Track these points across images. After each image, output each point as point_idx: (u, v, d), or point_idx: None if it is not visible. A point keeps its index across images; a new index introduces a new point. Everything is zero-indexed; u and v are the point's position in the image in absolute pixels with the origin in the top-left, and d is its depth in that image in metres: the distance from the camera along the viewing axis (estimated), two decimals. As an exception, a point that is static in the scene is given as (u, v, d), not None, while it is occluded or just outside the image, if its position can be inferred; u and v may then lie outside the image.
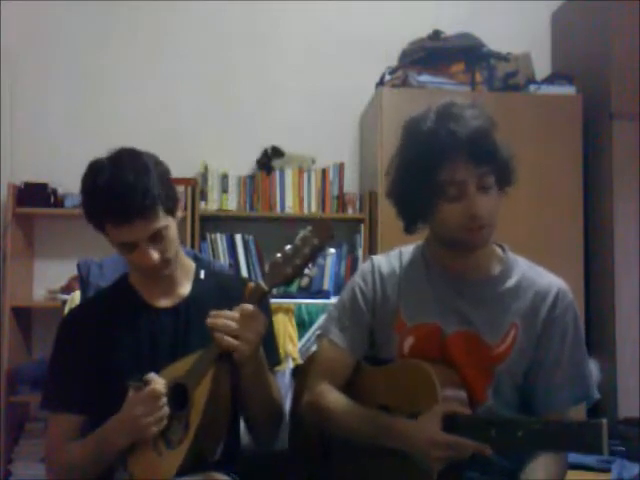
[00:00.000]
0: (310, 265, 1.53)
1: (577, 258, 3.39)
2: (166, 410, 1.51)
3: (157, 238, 1.59)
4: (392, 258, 1.70)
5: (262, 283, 1.54)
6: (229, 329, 1.49)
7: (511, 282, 1.58)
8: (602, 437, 1.20)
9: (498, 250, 1.63)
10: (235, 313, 1.51)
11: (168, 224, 1.61)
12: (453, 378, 1.52)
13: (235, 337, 1.49)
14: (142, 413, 1.49)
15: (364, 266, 1.72)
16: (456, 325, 1.57)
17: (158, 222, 1.58)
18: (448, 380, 1.50)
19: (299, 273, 1.52)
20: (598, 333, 3.35)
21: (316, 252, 1.50)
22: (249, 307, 1.51)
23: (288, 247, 1.52)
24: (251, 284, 1.56)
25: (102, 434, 1.56)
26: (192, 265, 1.78)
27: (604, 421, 1.21)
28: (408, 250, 1.70)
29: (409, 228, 1.61)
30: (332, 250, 1.56)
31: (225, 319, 1.50)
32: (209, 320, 1.51)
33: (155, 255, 1.59)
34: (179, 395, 1.53)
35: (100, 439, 1.57)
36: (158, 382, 1.51)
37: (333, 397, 1.59)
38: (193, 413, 1.51)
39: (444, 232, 1.54)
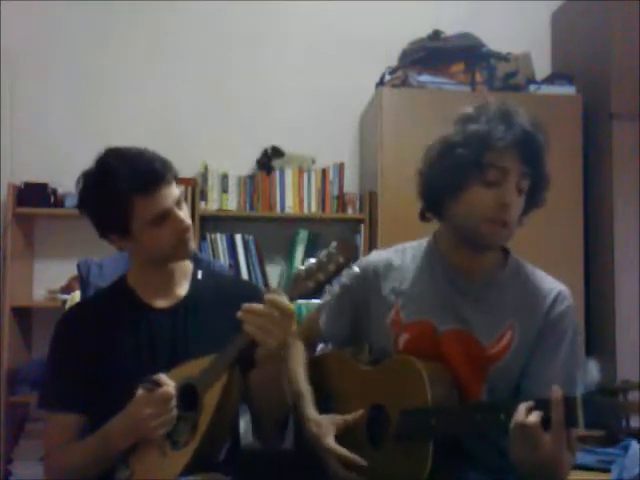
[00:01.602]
0: (332, 282, 1.51)
1: (577, 258, 3.39)
2: (175, 413, 1.50)
3: (180, 205, 1.64)
4: (393, 254, 1.71)
5: (283, 294, 1.49)
6: (260, 323, 1.46)
7: (512, 285, 1.58)
8: (577, 412, 1.23)
9: (501, 252, 1.63)
10: (269, 308, 1.46)
11: (181, 192, 1.66)
12: (445, 375, 1.52)
13: (265, 331, 1.46)
14: (151, 414, 1.48)
15: (361, 259, 1.78)
16: (451, 323, 1.57)
17: (177, 188, 1.63)
18: (440, 377, 1.50)
19: (321, 289, 1.49)
20: (598, 333, 3.35)
21: (340, 270, 1.47)
22: (283, 300, 1.46)
23: (312, 261, 1.49)
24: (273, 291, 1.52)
25: (104, 434, 1.56)
26: (190, 265, 1.78)
27: (578, 396, 1.24)
28: (412, 246, 1.71)
29: (426, 213, 1.63)
30: (356, 269, 1.55)
31: (258, 314, 1.46)
32: (240, 313, 1.47)
33: (187, 218, 1.63)
34: (188, 396, 1.53)
35: (102, 439, 1.56)
36: (169, 384, 1.51)
37: (295, 352, 1.76)
38: (202, 416, 1.51)
39: (465, 220, 1.53)
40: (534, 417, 1.27)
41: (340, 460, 1.53)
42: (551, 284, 1.59)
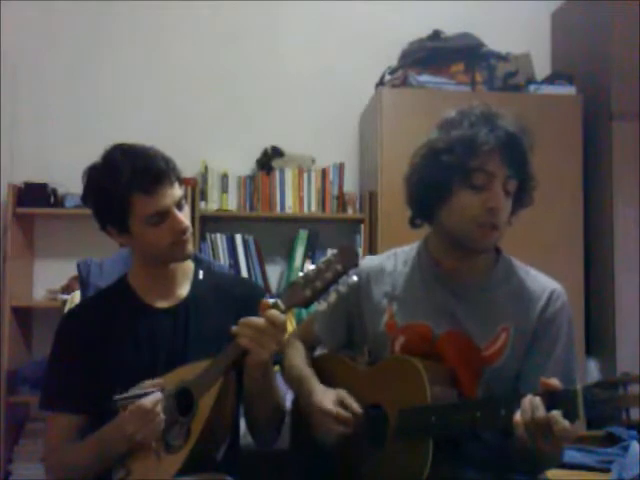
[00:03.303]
0: (330, 290, 1.48)
1: (577, 258, 3.39)
2: (160, 422, 1.50)
3: (180, 207, 1.63)
4: (385, 258, 1.72)
5: (280, 302, 1.49)
6: (256, 337, 1.47)
7: (505, 285, 1.59)
8: (578, 404, 1.23)
9: (493, 252, 1.63)
10: (266, 324, 1.47)
11: (183, 194, 1.65)
12: (444, 374, 1.53)
13: (259, 344, 1.48)
14: (135, 430, 1.49)
15: None
16: (447, 325, 1.57)
17: (179, 189, 1.63)
18: (439, 376, 1.51)
19: (318, 297, 1.48)
20: (598, 333, 3.35)
21: (338, 278, 1.46)
22: (280, 317, 1.48)
23: (311, 268, 1.48)
24: (268, 301, 1.51)
25: (102, 437, 1.57)
26: (191, 265, 1.78)
27: (579, 387, 1.25)
28: (403, 250, 1.71)
29: (415, 220, 1.63)
30: (355, 278, 1.53)
31: (255, 328, 1.48)
32: (236, 327, 1.49)
33: (186, 219, 1.63)
34: (185, 399, 1.53)
35: (100, 442, 1.57)
36: (149, 397, 1.50)
37: (294, 350, 1.77)
38: (196, 421, 1.51)
39: (455, 225, 1.54)
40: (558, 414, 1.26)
41: (335, 418, 1.53)
42: (544, 283, 1.59)
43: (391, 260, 1.70)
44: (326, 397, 1.57)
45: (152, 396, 1.50)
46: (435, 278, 1.61)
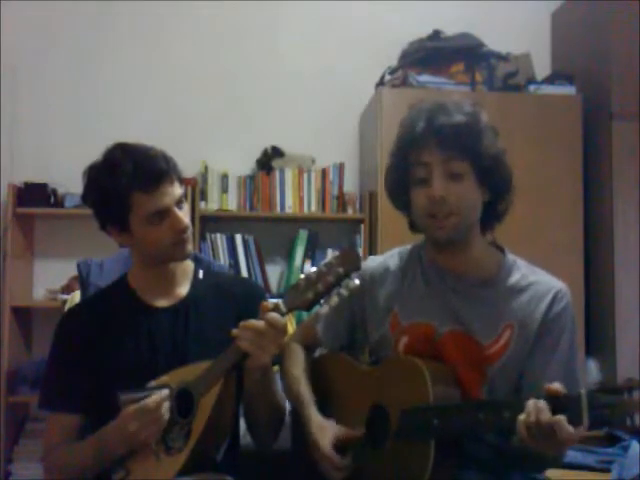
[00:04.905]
0: (332, 293, 1.47)
1: (577, 258, 3.39)
2: (163, 422, 1.50)
3: (180, 205, 1.63)
4: (388, 258, 1.72)
5: (281, 304, 1.49)
6: (256, 340, 1.47)
7: (508, 284, 1.58)
8: (582, 409, 1.22)
9: (497, 252, 1.63)
10: (267, 327, 1.47)
11: (183, 193, 1.65)
12: (447, 374, 1.52)
13: (259, 347, 1.48)
14: (139, 428, 1.49)
15: None
16: (450, 324, 1.57)
17: (179, 188, 1.63)
18: (442, 376, 1.50)
19: (319, 299, 1.47)
20: (598, 333, 3.35)
21: (339, 281, 1.46)
22: (281, 320, 1.48)
23: (312, 270, 1.48)
24: (268, 304, 1.50)
25: (102, 437, 1.56)
26: (191, 265, 1.78)
27: (583, 392, 1.24)
28: (406, 249, 1.71)
29: (410, 224, 1.65)
30: (357, 281, 1.52)
31: (255, 331, 1.48)
32: (237, 330, 1.49)
33: (186, 218, 1.63)
34: (184, 401, 1.53)
35: (99, 443, 1.57)
36: (156, 395, 1.50)
37: (293, 357, 1.73)
38: (196, 423, 1.51)
39: (418, 222, 1.59)
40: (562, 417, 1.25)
41: (333, 466, 1.52)
42: (549, 282, 1.58)
43: (394, 259, 1.70)
44: (324, 437, 1.54)
45: (155, 395, 1.50)
46: (437, 276, 1.61)
